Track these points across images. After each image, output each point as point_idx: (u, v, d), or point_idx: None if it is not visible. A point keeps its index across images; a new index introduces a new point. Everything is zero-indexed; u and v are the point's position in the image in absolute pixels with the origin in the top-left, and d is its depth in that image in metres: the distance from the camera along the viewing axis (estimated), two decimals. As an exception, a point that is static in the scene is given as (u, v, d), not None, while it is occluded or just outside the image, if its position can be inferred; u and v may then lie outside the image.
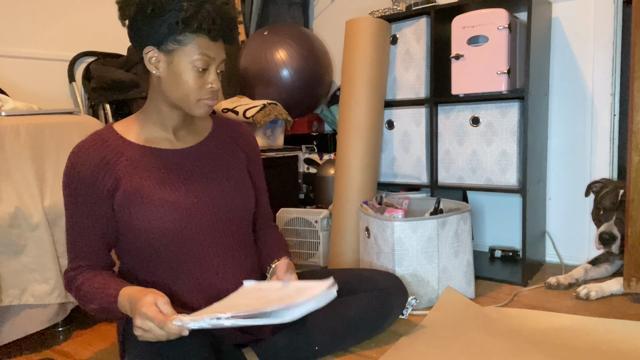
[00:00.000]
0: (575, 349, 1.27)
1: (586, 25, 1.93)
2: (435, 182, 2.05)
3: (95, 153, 1.06)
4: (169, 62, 1.04)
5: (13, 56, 2.42)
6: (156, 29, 1.01)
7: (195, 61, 1.03)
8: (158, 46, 1.03)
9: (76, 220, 1.08)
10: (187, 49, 1.02)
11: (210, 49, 1.04)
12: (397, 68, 2.09)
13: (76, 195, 1.07)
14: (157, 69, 1.06)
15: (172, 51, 1.03)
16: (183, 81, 1.04)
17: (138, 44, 1.05)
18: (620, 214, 1.65)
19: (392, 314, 1.37)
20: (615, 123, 1.93)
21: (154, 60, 1.05)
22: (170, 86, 1.06)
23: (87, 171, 1.05)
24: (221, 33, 1.05)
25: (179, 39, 1.01)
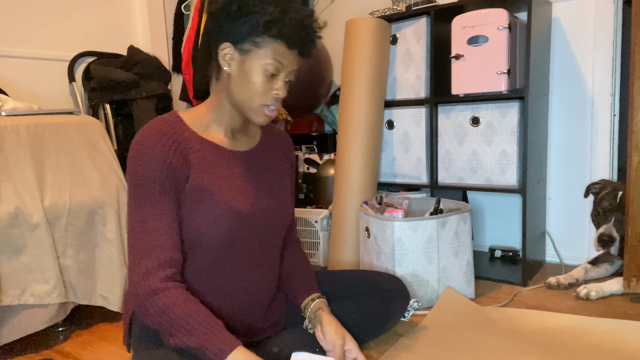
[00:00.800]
0: (575, 349, 1.27)
1: (586, 25, 1.93)
2: (435, 182, 2.05)
3: (169, 137, 1.02)
4: (242, 62, 1.04)
5: (13, 56, 2.41)
6: (237, 27, 1.01)
7: (267, 65, 1.03)
8: (235, 44, 1.03)
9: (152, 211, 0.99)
10: (262, 52, 1.02)
11: (284, 56, 1.04)
12: (397, 68, 2.09)
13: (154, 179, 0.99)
14: (229, 66, 1.05)
15: (247, 51, 1.03)
16: (251, 82, 1.04)
17: (215, 38, 1.05)
18: (619, 215, 1.65)
19: (394, 317, 1.36)
20: (615, 123, 1.93)
21: (228, 57, 1.05)
22: (237, 85, 1.06)
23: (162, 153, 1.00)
24: (298, 43, 1.05)
25: (257, 40, 1.02)
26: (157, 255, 0.98)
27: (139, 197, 1.00)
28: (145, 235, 0.99)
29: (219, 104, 1.11)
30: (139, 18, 3.16)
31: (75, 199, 1.49)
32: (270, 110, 1.08)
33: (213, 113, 1.12)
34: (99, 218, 1.54)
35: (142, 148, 1.00)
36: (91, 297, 1.53)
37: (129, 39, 3.11)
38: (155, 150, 1.00)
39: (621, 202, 1.64)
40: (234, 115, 1.12)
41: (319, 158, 2.68)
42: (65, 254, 1.47)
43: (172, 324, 0.94)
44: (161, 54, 3.27)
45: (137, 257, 0.98)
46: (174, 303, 0.95)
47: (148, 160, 0.99)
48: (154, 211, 1.00)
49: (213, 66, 1.09)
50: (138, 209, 1.00)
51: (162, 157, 1.00)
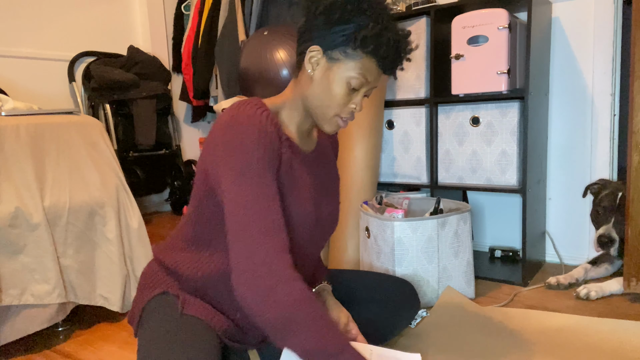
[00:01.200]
0: (575, 349, 1.27)
1: (586, 25, 1.93)
2: (435, 182, 2.05)
3: (270, 123, 0.98)
4: (328, 69, 1.01)
5: (13, 56, 2.42)
6: (333, 34, 0.99)
7: (352, 78, 1.00)
8: (325, 50, 1.01)
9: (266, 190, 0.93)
10: (350, 64, 1.00)
11: (371, 73, 1.01)
12: (397, 68, 2.09)
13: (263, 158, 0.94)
14: (314, 69, 1.02)
15: (335, 60, 1.00)
16: (332, 91, 1.01)
17: (306, 39, 1.03)
18: (618, 216, 1.65)
19: (400, 326, 1.33)
20: (615, 123, 1.93)
21: (314, 60, 1.02)
22: (317, 91, 1.03)
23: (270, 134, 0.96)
24: (389, 64, 1.02)
25: (348, 52, 0.99)
26: (280, 236, 0.91)
27: (249, 175, 0.92)
28: (261, 215, 0.91)
29: (294, 104, 1.08)
30: (139, 18, 3.16)
31: (75, 199, 1.49)
32: (343, 121, 1.05)
33: (289, 110, 1.08)
34: (99, 218, 1.54)
35: (246, 127, 0.94)
36: (91, 297, 1.53)
37: (129, 39, 3.11)
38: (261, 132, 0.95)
39: (621, 203, 1.64)
40: (305, 117, 1.09)
41: (319, 158, 2.68)
42: (65, 254, 1.47)
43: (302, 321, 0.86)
44: (161, 54, 3.27)
45: (252, 238, 0.89)
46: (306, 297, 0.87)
47: (255, 141, 0.94)
48: (265, 189, 0.93)
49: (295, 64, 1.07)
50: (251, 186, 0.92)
51: (267, 136, 0.96)
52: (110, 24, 2.87)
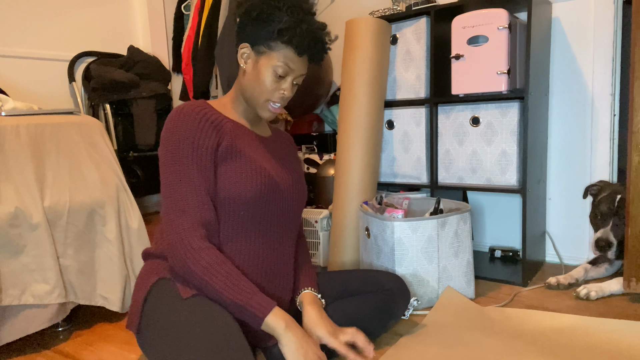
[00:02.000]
0: (575, 349, 1.27)
1: (586, 25, 1.93)
2: (435, 182, 2.05)
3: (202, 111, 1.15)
4: (256, 61, 1.18)
5: (13, 56, 2.42)
6: (256, 31, 1.16)
7: (276, 66, 1.16)
8: (252, 45, 1.18)
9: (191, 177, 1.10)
10: (273, 55, 1.16)
11: (293, 61, 1.17)
12: (397, 68, 2.09)
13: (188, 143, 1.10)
14: (245, 63, 1.20)
15: (261, 53, 1.17)
16: (261, 80, 1.17)
17: (238, 38, 1.20)
18: (616, 219, 1.65)
19: (396, 315, 1.37)
20: (615, 123, 1.93)
21: (245, 55, 1.19)
22: (249, 82, 1.19)
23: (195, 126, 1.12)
24: (307, 51, 1.18)
25: (271, 44, 1.15)
26: (192, 214, 1.07)
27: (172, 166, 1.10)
28: (180, 196, 1.09)
29: (237, 96, 1.25)
30: (139, 18, 3.16)
31: (75, 199, 1.49)
32: (274, 107, 1.21)
33: (233, 102, 1.26)
34: (99, 218, 1.54)
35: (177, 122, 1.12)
36: (91, 297, 1.53)
37: (129, 39, 3.11)
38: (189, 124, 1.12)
39: (619, 206, 1.64)
40: (247, 108, 1.26)
41: (319, 158, 2.68)
42: (65, 254, 1.47)
43: (216, 281, 1.03)
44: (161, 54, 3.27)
45: (171, 217, 1.07)
46: (216, 262, 1.05)
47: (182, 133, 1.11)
48: (187, 173, 1.10)
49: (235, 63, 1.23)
50: (172, 172, 1.10)
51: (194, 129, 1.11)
52: (110, 24, 2.87)
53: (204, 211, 1.09)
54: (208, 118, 1.15)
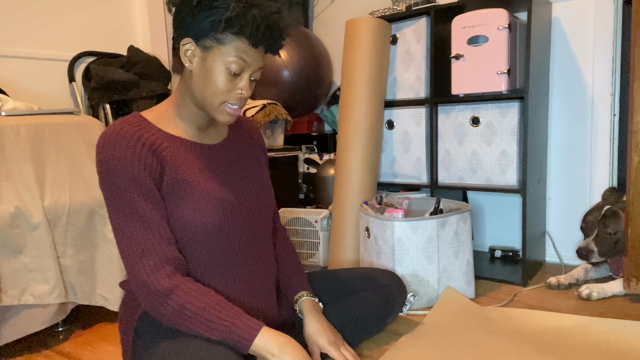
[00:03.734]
0: (575, 349, 1.27)
1: (586, 25, 1.93)
2: (435, 182, 2.05)
3: (136, 135, 0.99)
4: (203, 59, 1.00)
5: (13, 56, 2.42)
6: (198, 22, 0.97)
7: (229, 63, 0.99)
8: (196, 40, 0.99)
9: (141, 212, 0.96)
10: (224, 49, 0.98)
11: (248, 54, 1.00)
12: (397, 68, 2.09)
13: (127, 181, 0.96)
14: (191, 62, 1.01)
15: (209, 48, 0.99)
16: (212, 80, 1.00)
17: (177, 33, 1.02)
18: (601, 228, 1.67)
19: (394, 311, 1.38)
20: (615, 123, 1.93)
21: (189, 53, 1.01)
22: (198, 83, 1.02)
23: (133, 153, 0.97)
24: (263, 41, 1.00)
25: (219, 37, 0.97)
26: (154, 254, 0.96)
27: (117, 202, 0.97)
28: (134, 235, 0.96)
29: (182, 101, 1.07)
30: (139, 18, 3.17)
31: (75, 199, 1.49)
32: (233, 108, 1.04)
33: (177, 110, 1.08)
34: (99, 218, 1.54)
35: (108, 152, 0.97)
36: (91, 297, 1.53)
37: (129, 39, 3.11)
38: (122, 151, 0.96)
39: (605, 215, 1.67)
40: (198, 113, 1.08)
41: (319, 158, 2.68)
42: (65, 254, 1.47)
43: (191, 321, 0.94)
44: (161, 54, 3.27)
45: (132, 261, 0.96)
46: (188, 300, 0.94)
47: (117, 163, 0.96)
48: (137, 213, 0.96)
49: (175, 62, 1.06)
50: (120, 214, 0.97)
51: (130, 157, 0.97)
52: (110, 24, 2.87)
53: (164, 246, 0.97)
54: (144, 142, 0.99)
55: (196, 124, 1.10)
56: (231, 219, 1.08)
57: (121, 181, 0.96)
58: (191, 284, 0.97)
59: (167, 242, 0.98)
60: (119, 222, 0.97)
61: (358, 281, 1.34)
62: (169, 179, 1.01)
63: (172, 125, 1.08)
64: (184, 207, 1.02)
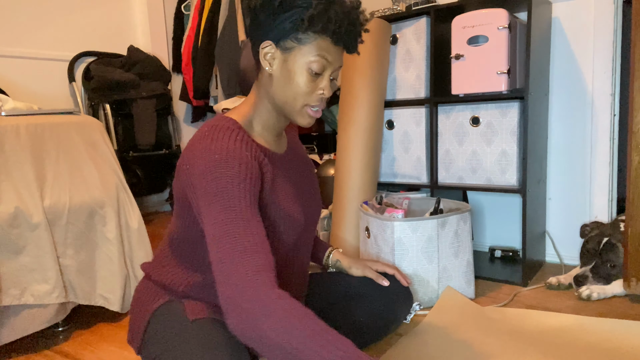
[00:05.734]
0: (575, 349, 1.27)
1: (586, 25, 1.93)
2: (435, 182, 2.05)
3: (245, 143, 0.97)
4: (284, 60, 0.98)
5: (13, 56, 2.42)
6: (279, 24, 0.96)
7: (311, 62, 0.97)
8: (276, 42, 0.97)
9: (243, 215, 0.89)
10: (305, 49, 0.96)
11: (329, 52, 0.98)
12: (397, 68, 2.09)
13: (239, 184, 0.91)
14: (271, 65, 1.00)
15: (290, 49, 0.97)
16: (294, 82, 0.98)
17: (256, 37, 1.00)
18: (599, 261, 1.68)
19: (397, 320, 1.36)
20: (615, 123, 1.93)
21: (269, 56, 0.99)
22: (280, 86, 1.00)
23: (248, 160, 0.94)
24: (344, 38, 0.99)
25: (300, 37, 0.96)
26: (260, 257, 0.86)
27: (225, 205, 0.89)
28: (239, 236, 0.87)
29: (263, 105, 1.05)
30: (139, 18, 3.16)
31: (75, 199, 1.49)
32: (314, 111, 1.02)
33: (260, 115, 1.06)
34: (99, 218, 1.54)
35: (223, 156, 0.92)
36: (91, 297, 1.53)
37: (129, 39, 3.11)
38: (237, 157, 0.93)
39: (604, 249, 1.68)
40: (277, 117, 1.06)
41: (319, 158, 2.68)
42: (65, 254, 1.47)
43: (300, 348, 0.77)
44: (161, 54, 3.27)
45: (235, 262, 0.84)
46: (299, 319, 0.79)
47: (232, 167, 0.91)
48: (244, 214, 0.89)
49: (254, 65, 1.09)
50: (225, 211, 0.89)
51: (245, 163, 0.93)
52: (110, 24, 2.87)
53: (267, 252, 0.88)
54: (249, 150, 0.96)
55: (275, 131, 1.09)
56: (294, 235, 1.09)
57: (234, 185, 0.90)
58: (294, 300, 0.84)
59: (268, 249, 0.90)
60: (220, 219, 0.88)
61: (362, 286, 1.32)
62: (265, 194, 1.00)
63: (256, 134, 1.06)
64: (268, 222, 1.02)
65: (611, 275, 1.67)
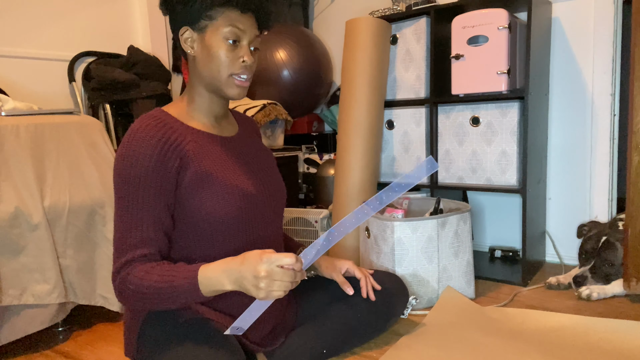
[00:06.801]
0: (575, 349, 1.27)
1: (586, 25, 1.93)
2: (435, 182, 2.05)
3: (159, 133, 1.02)
4: (202, 39, 1.05)
5: (13, 56, 2.42)
6: (189, 7, 1.03)
7: (225, 33, 1.04)
8: (191, 25, 1.05)
9: (135, 207, 0.99)
10: (217, 23, 1.04)
11: (239, 21, 1.05)
12: (397, 68, 2.09)
13: (139, 179, 0.99)
14: (192, 48, 1.07)
15: (204, 28, 1.05)
16: (214, 55, 1.05)
17: (175, 26, 1.07)
18: (598, 260, 1.68)
19: (395, 314, 1.38)
20: (615, 123, 1.93)
21: (189, 40, 1.07)
22: (204, 64, 1.07)
23: (153, 151, 1.00)
24: (250, 6, 1.05)
25: (210, 14, 1.03)
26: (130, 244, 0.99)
27: (124, 191, 1.00)
28: (122, 227, 1.00)
29: (196, 91, 1.12)
30: (139, 18, 3.17)
31: (75, 199, 1.49)
32: (241, 80, 1.08)
33: (194, 101, 1.13)
34: (99, 218, 1.54)
35: (133, 147, 1.00)
36: (91, 297, 1.53)
37: (129, 39, 3.11)
38: (147, 149, 1.00)
39: (602, 248, 1.67)
40: (210, 99, 1.12)
41: (319, 158, 2.68)
42: (65, 254, 1.47)
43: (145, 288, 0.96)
44: (161, 54, 3.27)
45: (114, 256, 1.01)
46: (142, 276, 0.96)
47: (139, 158, 0.99)
48: (138, 205, 0.99)
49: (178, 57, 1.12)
50: (121, 203, 1.00)
51: (154, 156, 1.00)
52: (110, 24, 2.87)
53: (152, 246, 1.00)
54: (168, 138, 1.02)
55: (212, 114, 1.14)
56: (250, 209, 1.11)
57: (134, 177, 0.99)
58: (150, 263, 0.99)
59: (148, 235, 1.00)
60: (121, 215, 1.00)
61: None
62: (192, 172, 1.04)
63: (192, 119, 1.12)
64: (205, 197, 1.04)
65: (610, 274, 1.67)
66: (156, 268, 0.97)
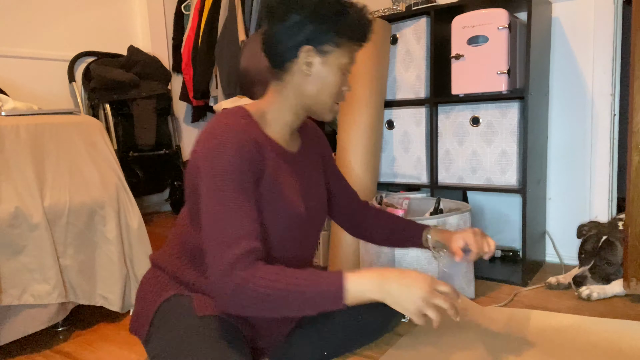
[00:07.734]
0: (575, 349, 1.27)
1: (586, 25, 1.93)
2: (435, 182, 2.05)
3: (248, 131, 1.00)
4: (321, 63, 1.05)
5: (13, 56, 2.42)
6: (323, 29, 1.03)
7: (346, 64, 1.07)
8: (316, 46, 1.04)
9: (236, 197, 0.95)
10: (340, 52, 1.05)
11: (356, 54, 1.10)
12: (397, 68, 2.09)
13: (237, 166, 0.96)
14: (309, 67, 1.05)
15: (327, 52, 1.05)
16: (329, 82, 1.06)
17: (295, 41, 1.04)
18: (598, 260, 1.68)
19: (396, 316, 1.37)
20: (615, 123, 1.93)
21: (308, 59, 1.05)
22: (314, 86, 1.06)
23: (250, 147, 0.98)
24: (366, 41, 1.10)
25: (337, 41, 1.04)
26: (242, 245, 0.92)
27: (220, 187, 0.94)
28: (228, 226, 0.93)
29: (283, 105, 1.09)
30: (139, 18, 3.16)
31: (75, 199, 1.49)
32: (338, 106, 1.12)
33: (274, 111, 1.10)
34: (99, 218, 1.54)
35: (230, 138, 0.96)
36: (91, 297, 1.53)
37: (129, 39, 3.11)
38: (244, 142, 0.97)
39: (602, 247, 1.67)
40: (295, 115, 1.11)
41: (319, 158, 2.67)
42: (65, 254, 1.47)
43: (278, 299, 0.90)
44: (161, 54, 3.27)
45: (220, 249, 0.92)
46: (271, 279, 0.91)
47: (237, 149, 0.96)
48: (239, 202, 0.95)
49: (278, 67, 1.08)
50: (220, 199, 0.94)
51: (251, 151, 0.98)
52: (110, 24, 2.87)
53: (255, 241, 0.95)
54: (256, 141, 1.00)
55: (291, 128, 1.13)
56: (294, 230, 1.10)
57: (232, 168, 0.95)
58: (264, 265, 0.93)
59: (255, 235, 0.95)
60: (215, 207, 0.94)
61: None
62: (267, 179, 1.03)
63: (269, 126, 1.10)
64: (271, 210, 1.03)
65: (610, 274, 1.67)
66: (286, 271, 0.93)
